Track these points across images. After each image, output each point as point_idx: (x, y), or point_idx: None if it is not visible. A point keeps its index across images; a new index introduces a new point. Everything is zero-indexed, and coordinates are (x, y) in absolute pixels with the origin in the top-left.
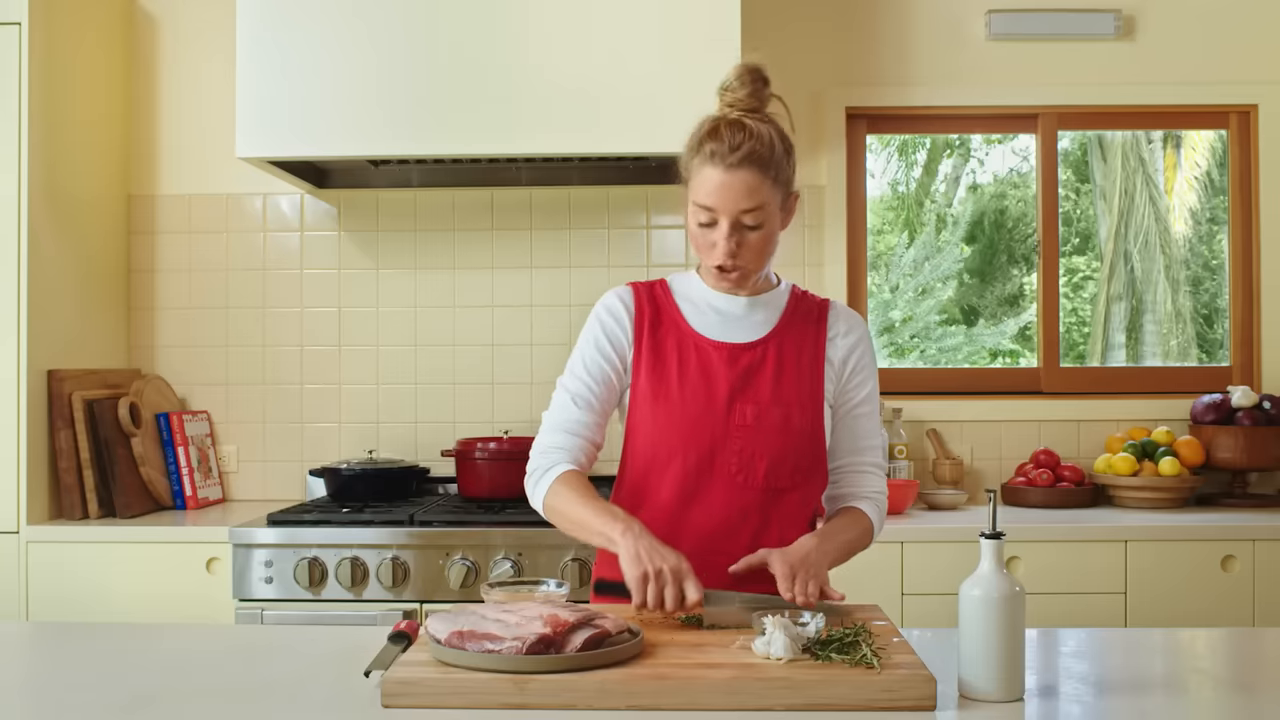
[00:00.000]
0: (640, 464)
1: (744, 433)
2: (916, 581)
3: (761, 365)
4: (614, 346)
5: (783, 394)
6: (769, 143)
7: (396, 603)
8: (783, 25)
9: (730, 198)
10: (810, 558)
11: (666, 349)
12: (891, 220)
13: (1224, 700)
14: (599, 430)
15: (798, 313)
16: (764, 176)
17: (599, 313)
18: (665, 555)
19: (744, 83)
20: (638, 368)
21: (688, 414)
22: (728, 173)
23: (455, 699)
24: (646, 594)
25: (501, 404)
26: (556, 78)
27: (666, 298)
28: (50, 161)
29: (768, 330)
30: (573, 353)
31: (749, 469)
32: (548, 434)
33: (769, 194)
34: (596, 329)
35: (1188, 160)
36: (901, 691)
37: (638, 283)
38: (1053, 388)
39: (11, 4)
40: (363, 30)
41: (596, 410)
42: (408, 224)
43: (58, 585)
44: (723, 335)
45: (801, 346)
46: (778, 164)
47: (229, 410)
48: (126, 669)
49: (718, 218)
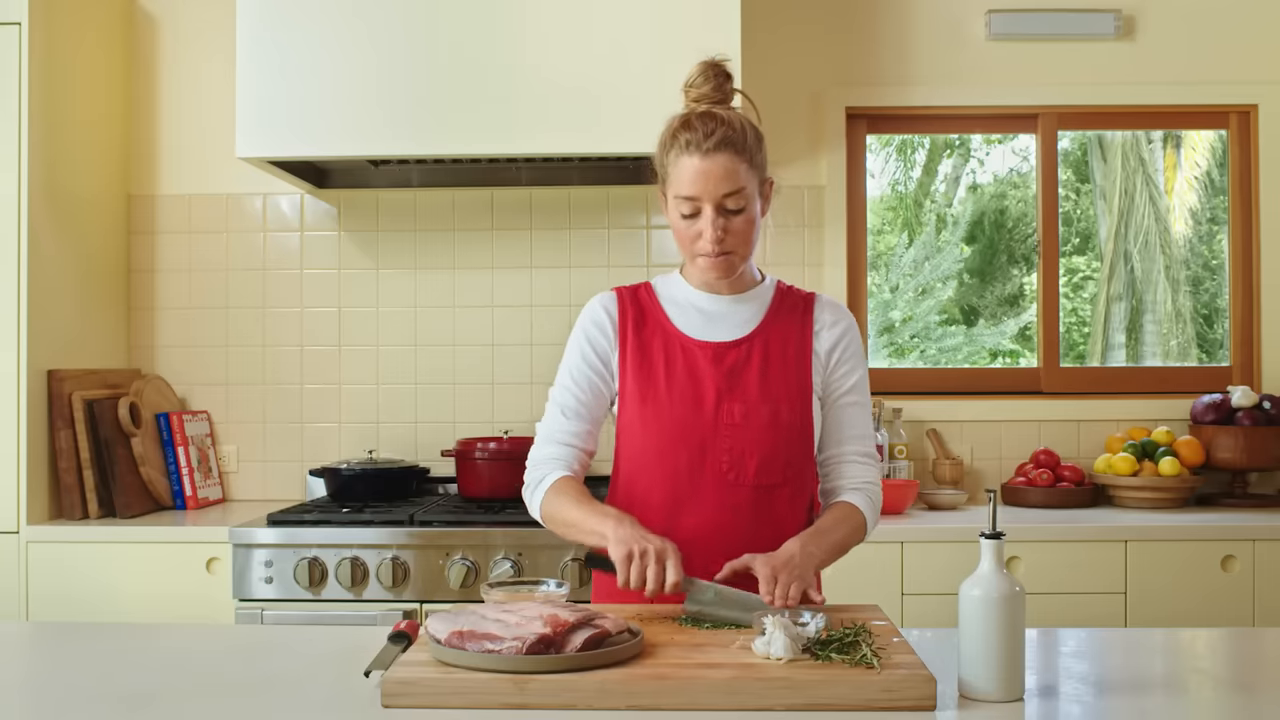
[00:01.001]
0: (631, 466)
1: (733, 431)
2: (916, 581)
3: (747, 362)
4: (598, 355)
5: (770, 390)
6: (740, 128)
7: (396, 603)
8: (782, 25)
9: (711, 183)
10: (794, 560)
11: (652, 350)
12: (891, 220)
13: (1224, 700)
14: (590, 438)
15: (783, 307)
16: (740, 159)
17: (583, 322)
18: (651, 539)
19: (707, 78)
20: (624, 371)
21: (676, 415)
22: (705, 159)
23: (455, 699)
24: (630, 573)
25: (501, 404)
26: (556, 78)
27: (651, 300)
28: (50, 161)
29: (753, 327)
30: (561, 363)
31: (740, 467)
32: (540, 446)
33: (747, 177)
34: (581, 339)
35: (1188, 160)
36: (901, 691)
37: (621, 287)
38: (1053, 388)
39: (11, 4)
40: (363, 30)
41: (586, 419)
42: (408, 224)
43: (58, 585)
44: (707, 334)
45: (787, 340)
46: (751, 149)
47: (229, 410)
48: (126, 669)
49: (700, 205)
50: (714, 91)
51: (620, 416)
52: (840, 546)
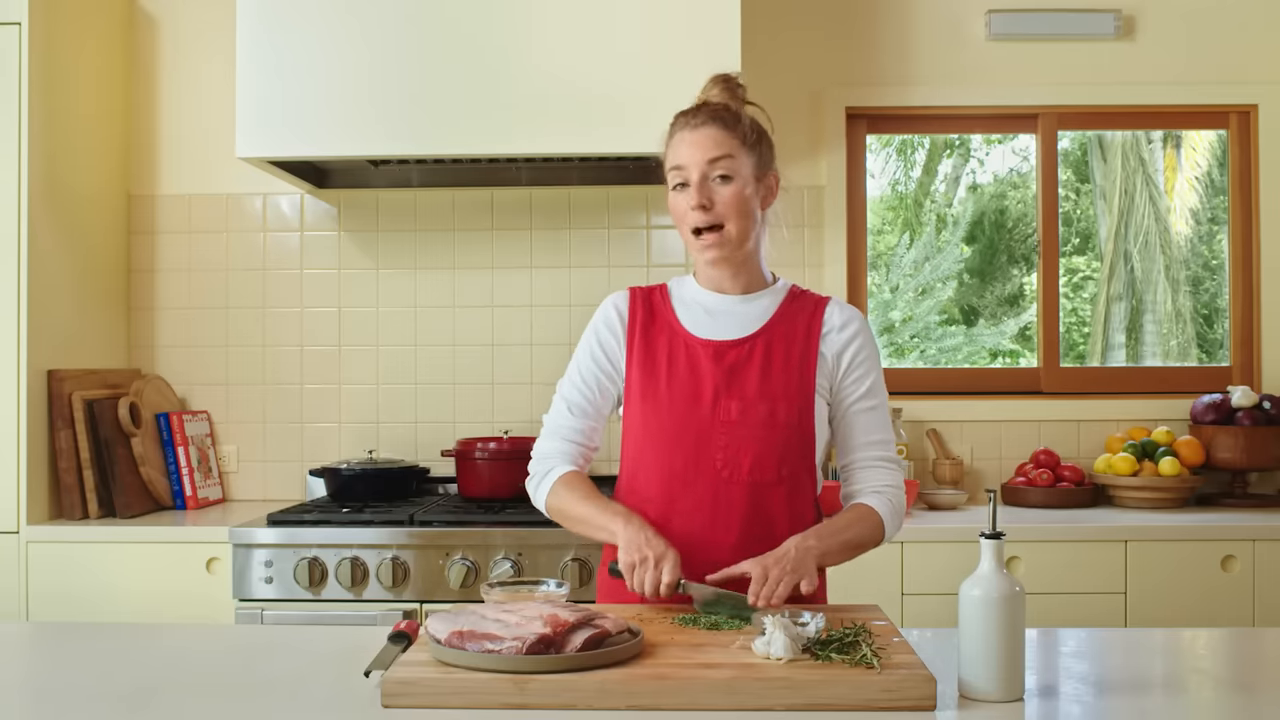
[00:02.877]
0: (631, 461)
1: (728, 428)
2: (916, 581)
3: (748, 361)
4: (607, 354)
5: (769, 389)
6: (735, 111)
7: (396, 603)
8: (783, 25)
9: (697, 152)
10: (788, 555)
11: (658, 348)
12: (891, 220)
13: (1224, 700)
14: (594, 434)
15: (791, 309)
16: (730, 134)
17: (595, 321)
18: (654, 544)
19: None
20: (630, 368)
21: (674, 410)
22: (693, 132)
23: (455, 699)
24: (634, 579)
25: (501, 404)
26: (556, 78)
27: (663, 300)
28: (50, 161)
29: (758, 326)
30: (571, 358)
31: (734, 464)
32: (544, 439)
33: (737, 151)
34: (592, 337)
35: (1188, 160)
36: (901, 691)
37: (636, 287)
38: (1053, 388)
39: (11, 4)
40: (363, 30)
41: (591, 416)
42: (408, 224)
43: (58, 585)
44: (711, 333)
45: (791, 341)
46: (745, 130)
47: (229, 410)
48: (126, 669)
49: (688, 175)
50: (721, 95)
51: (624, 412)
52: (851, 544)
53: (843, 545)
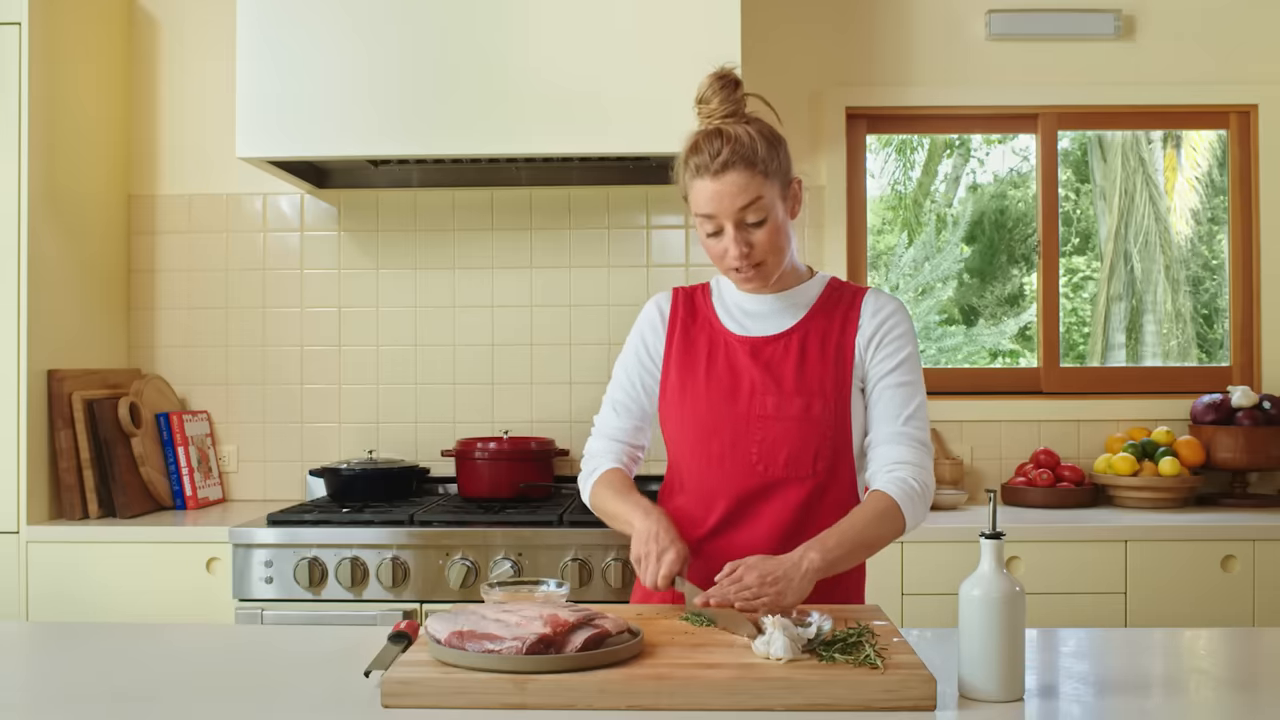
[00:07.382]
0: (672, 457)
1: (764, 423)
2: (916, 581)
3: (785, 356)
4: (650, 354)
5: (805, 383)
6: (748, 141)
7: (396, 603)
8: (782, 25)
9: (725, 202)
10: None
11: (698, 346)
12: (891, 220)
13: (1224, 700)
14: (641, 433)
15: (829, 303)
16: (752, 173)
17: (639, 322)
18: (662, 539)
19: (714, 91)
20: (668, 367)
21: (712, 406)
22: (715, 180)
23: (455, 699)
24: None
25: (501, 404)
26: (556, 78)
27: (705, 300)
28: (50, 161)
29: (794, 321)
30: (618, 359)
31: (769, 458)
32: (593, 439)
33: (762, 187)
34: (636, 338)
35: (1188, 160)
36: (901, 691)
37: (679, 287)
38: (1053, 388)
39: (11, 4)
40: (363, 30)
41: (635, 415)
42: (408, 224)
43: (58, 585)
44: (749, 330)
45: (828, 335)
46: (764, 159)
47: (229, 410)
48: (126, 669)
49: (721, 224)
50: (721, 104)
51: (662, 409)
52: (862, 543)
53: (852, 552)
